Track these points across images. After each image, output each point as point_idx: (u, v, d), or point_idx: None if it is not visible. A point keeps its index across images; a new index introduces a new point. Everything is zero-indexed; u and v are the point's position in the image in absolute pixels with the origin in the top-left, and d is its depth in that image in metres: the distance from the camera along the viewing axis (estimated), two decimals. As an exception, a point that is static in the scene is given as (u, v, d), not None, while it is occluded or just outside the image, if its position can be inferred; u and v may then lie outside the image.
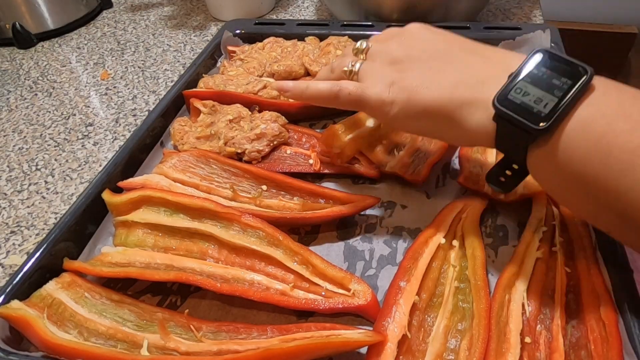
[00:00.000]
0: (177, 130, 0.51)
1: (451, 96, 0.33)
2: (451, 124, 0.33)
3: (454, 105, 0.33)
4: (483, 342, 0.32)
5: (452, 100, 0.33)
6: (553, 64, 0.30)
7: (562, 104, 0.28)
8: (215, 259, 0.39)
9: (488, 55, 0.34)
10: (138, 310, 0.36)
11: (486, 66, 0.33)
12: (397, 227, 0.42)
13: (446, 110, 0.33)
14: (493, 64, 0.33)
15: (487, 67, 0.33)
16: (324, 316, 0.36)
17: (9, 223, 0.48)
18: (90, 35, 0.81)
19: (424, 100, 0.34)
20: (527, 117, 0.29)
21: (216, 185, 0.45)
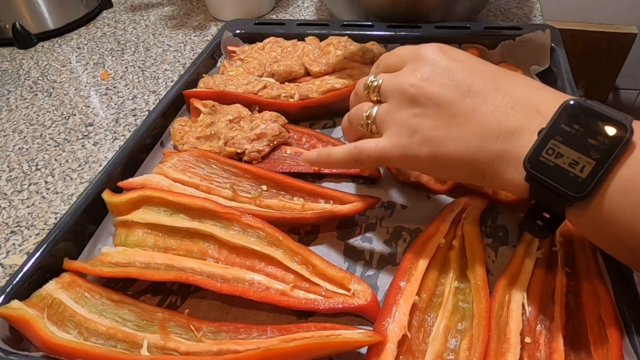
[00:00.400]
0: (177, 130, 0.51)
1: (480, 150, 0.30)
2: (482, 175, 0.32)
3: (484, 159, 0.31)
4: (483, 342, 0.32)
5: (481, 154, 0.30)
6: (586, 119, 0.27)
7: (602, 168, 0.26)
8: (215, 259, 0.39)
9: (515, 94, 0.30)
10: (138, 310, 0.36)
11: (514, 112, 0.30)
12: (397, 227, 0.42)
13: (476, 163, 0.31)
14: (522, 109, 0.30)
15: (516, 114, 0.30)
16: (324, 316, 0.36)
17: (9, 223, 0.48)
18: (90, 35, 0.81)
19: (451, 154, 0.32)
20: (563, 182, 0.27)
21: (216, 185, 0.45)
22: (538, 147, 0.28)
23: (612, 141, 0.26)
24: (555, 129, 0.27)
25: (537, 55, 0.56)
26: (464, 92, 0.31)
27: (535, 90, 0.31)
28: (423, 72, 0.33)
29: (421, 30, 0.61)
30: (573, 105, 0.27)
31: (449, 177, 0.36)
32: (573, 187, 0.27)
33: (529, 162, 0.28)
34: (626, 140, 0.26)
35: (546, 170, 0.27)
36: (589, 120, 0.27)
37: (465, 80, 0.32)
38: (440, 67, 0.33)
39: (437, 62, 0.33)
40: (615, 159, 0.26)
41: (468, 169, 0.32)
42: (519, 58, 0.57)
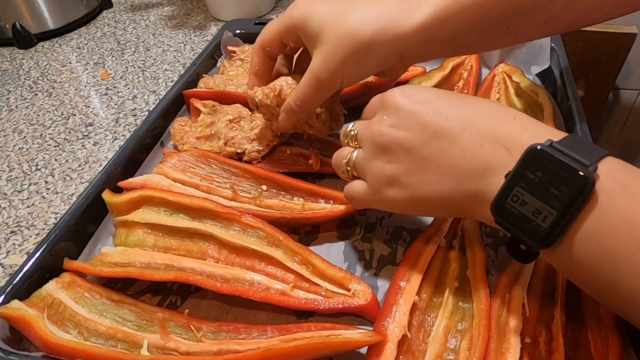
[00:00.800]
0: (177, 130, 0.51)
1: (455, 190, 0.31)
2: (462, 212, 0.33)
3: (460, 198, 0.31)
4: (483, 342, 0.32)
5: (457, 194, 0.31)
6: (548, 167, 0.26)
7: (563, 219, 0.25)
8: (215, 259, 0.39)
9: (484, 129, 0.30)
10: (138, 310, 0.36)
11: (483, 149, 0.30)
12: (397, 227, 0.42)
13: (453, 203, 0.32)
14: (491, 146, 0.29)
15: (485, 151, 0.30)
16: (324, 316, 0.36)
17: (9, 223, 0.48)
18: (90, 35, 0.81)
19: (428, 197, 0.32)
20: (527, 231, 0.27)
21: (216, 185, 0.45)
22: (503, 193, 0.28)
23: (572, 192, 0.25)
24: (520, 175, 0.27)
25: (537, 55, 0.56)
26: (431, 134, 0.32)
27: (504, 123, 0.30)
28: (390, 119, 0.34)
29: (421, 30, 0.61)
30: (537, 151, 0.27)
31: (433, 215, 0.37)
32: (536, 236, 0.27)
33: (494, 208, 0.28)
34: (587, 190, 0.25)
35: (511, 217, 0.27)
36: (551, 168, 0.26)
37: (432, 121, 0.32)
38: (405, 112, 0.33)
39: (402, 107, 0.33)
40: (577, 210, 0.25)
41: (447, 208, 0.33)
42: (519, 58, 0.57)
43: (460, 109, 0.32)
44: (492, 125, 0.30)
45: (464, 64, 0.58)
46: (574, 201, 0.25)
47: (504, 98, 0.53)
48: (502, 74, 0.56)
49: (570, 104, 0.48)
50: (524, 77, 0.54)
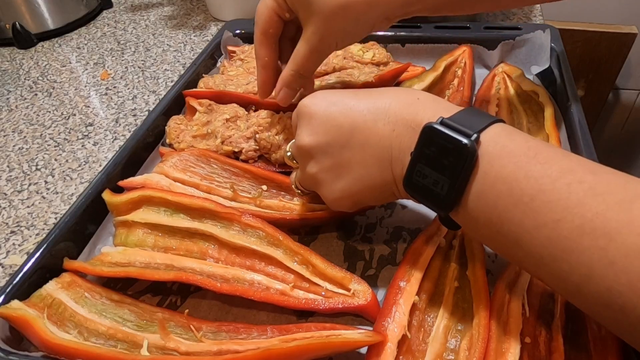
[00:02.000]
0: (173, 128, 0.51)
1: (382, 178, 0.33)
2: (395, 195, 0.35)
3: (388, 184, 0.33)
4: (483, 342, 0.32)
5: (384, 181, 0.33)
6: (438, 141, 0.29)
7: (455, 186, 0.28)
8: (215, 259, 0.39)
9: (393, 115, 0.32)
10: (138, 310, 0.36)
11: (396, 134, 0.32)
12: (397, 227, 0.42)
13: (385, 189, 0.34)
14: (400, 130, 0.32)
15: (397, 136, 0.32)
16: (324, 316, 0.36)
17: (9, 223, 0.48)
18: (90, 35, 0.81)
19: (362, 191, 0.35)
20: (431, 199, 0.30)
21: (216, 185, 0.45)
22: (409, 171, 0.31)
23: (458, 161, 0.28)
24: (419, 153, 0.30)
25: (537, 55, 0.56)
26: (349, 133, 0.33)
27: (409, 106, 0.32)
28: (307, 128, 0.35)
29: (421, 30, 0.61)
30: (429, 128, 0.29)
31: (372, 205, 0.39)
32: (438, 203, 0.30)
33: (405, 185, 0.31)
34: (469, 157, 0.28)
35: (418, 190, 0.30)
36: (440, 142, 0.29)
37: (346, 122, 0.34)
38: (318, 118, 0.35)
39: (314, 113, 0.35)
40: (464, 176, 0.28)
41: (383, 195, 0.35)
42: (519, 58, 0.57)
43: (370, 102, 0.34)
44: (400, 110, 0.32)
45: (457, 62, 0.58)
46: (461, 168, 0.28)
47: (504, 98, 0.53)
48: (502, 74, 0.56)
49: (570, 104, 0.48)
50: (524, 77, 0.54)
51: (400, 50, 0.61)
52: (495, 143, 0.28)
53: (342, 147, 0.34)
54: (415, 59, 0.60)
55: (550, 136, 0.46)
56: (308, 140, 0.35)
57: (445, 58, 0.58)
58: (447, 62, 0.57)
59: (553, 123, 0.47)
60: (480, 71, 0.59)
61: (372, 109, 0.33)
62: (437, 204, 0.30)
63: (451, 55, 0.58)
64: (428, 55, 0.61)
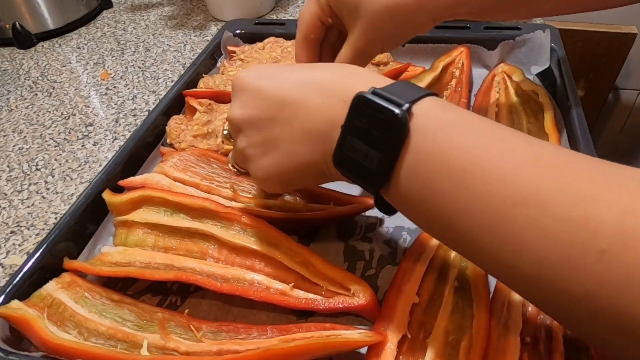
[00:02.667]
0: (173, 128, 0.51)
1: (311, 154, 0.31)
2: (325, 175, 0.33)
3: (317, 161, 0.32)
4: (483, 342, 0.32)
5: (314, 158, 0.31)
6: (369, 112, 0.27)
7: (386, 160, 0.27)
8: (216, 258, 0.39)
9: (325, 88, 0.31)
10: (138, 310, 0.36)
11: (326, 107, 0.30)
12: (397, 227, 0.42)
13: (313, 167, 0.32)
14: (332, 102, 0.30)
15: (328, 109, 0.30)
16: (324, 316, 0.36)
17: (9, 223, 0.48)
18: (90, 35, 0.81)
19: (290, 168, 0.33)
20: (361, 175, 0.28)
21: (217, 185, 0.45)
22: (339, 144, 0.29)
23: (389, 133, 0.26)
24: (350, 124, 0.28)
25: (537, 55, 0.56)
26: (278, 106, 0.32)
27: (341, 78, 0.31)
28: (238, 101, 0.34)
29: (421, 30, 0.61)
30: (361, 98, 0.28)
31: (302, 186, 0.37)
32: (368, 179, 0.28)
33: (335, 161, 0.29)
34: (400, 128, 0.26)
35: (348, 165, 0.29)
36: (371, 112, 0.27)
37: (276, 94, 0.32)
38: (249, 90, 0.34)
39: (246, 86, 0.34)
40: (396, 149, 0.27)
41: (313, 175, 0.33)
42: (519, 58, 0.57)
43: (301, 75, 0.32)
44: (332, 83, 0.31)
45: (454, 62, 0.58)
46: (391, 140, 0.26)
47: (504, 98, 0.53)
48: (502, 74, 0.56)
49: (570, 104, 0.48)
50: (524, 77, 0.54)
51: (400, 50, 0.61)
52: (428, 115, 0.27)
53: (271, 122, 0.32)
54: (415, 59, 0.60)
55: (550, 136, 0.46)
56: (238, 113, 0.34)
57: (443, 59, 0.58)
58: (445, 63, 0.57)
59: (553, 123, 0.47)
60: (480, 71, 0.59)
61: (303, 82, 0.32)
62: (368, 181, 0.28)
63: (449, 55, 0.58)
64: (428, 55, 0.61)
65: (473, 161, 0.25)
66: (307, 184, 0.37)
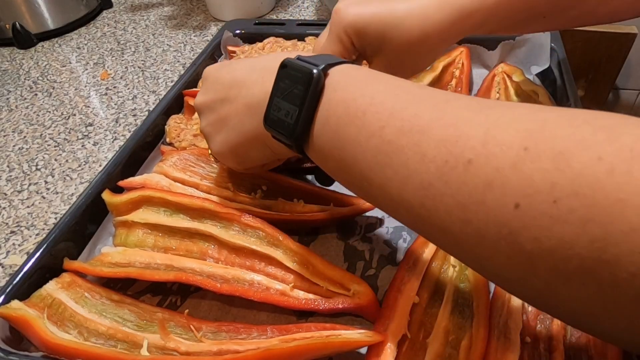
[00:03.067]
0: (173, 127, 0.51)
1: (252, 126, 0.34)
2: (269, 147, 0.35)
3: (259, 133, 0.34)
4: (483, 342, 0.32)
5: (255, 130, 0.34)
6: (291, 73, 0.30)
7: (302, 113, 0.29)
8: (215, 259, 0.39)
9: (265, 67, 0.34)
10: (138, 310, 0.36)
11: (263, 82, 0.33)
12: (397, 227, 0.42)
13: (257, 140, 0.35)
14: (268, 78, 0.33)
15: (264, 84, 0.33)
16: (324, 316, 0.36)
17: (9, 223, 0.48)
18: (90, 35, 0.81)
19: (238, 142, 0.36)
20: (284, 131, 0.31)
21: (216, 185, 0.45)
22: (268, 106, 0.32)
23: (305, 88, 0.29)
24: (276, 86, 0.31)
25: (537, 55, 0.56)
26: (228, 86, 0.36)
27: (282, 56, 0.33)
28: (202, 89, 0.39)
29: (421, 30, 0.61)
30: (285, 62, 0.31)
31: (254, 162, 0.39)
32: (289, 133, 0.30)
33: (265, 121, 0.32)
34: (314, 85, 0.29)
35: (275, 125, 0.31)
36: (292, 73, 0.30)
37: (228, 78, 0.37)
38: (211, 79, 0.38)
39: (209, 77, 0.39)
40: (311, 103, 0.29)
41: (257, 147, 0.36)
42: (519, 58, 0.57)
43: (253, 61, 0.36)
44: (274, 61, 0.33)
45: (454, 62, 0.58)
46: (307, 95, 0.29)
47: (504, 98, 0.53)
48: (502, 74, 0.56)
49: (570, 104, 0.48)
50: (524, 77, 0.54)
51: (400, 50, 0.61)
52: (342, 73, 0.30)
53: (222, 102, 0.36)
54: (415, 59, 0.60)
55: (550, 136, 0.46)
56: (199, 99, 0.39)
57: (443, 59, 0.58)
58: (445, 63, 0.57)
59: (553, 123, 0.47)
60: (480, 71, 0.59)
61: (250, 66, 0.36)
62: (288, 135, 0.30)
63: (449, 56, 0.58)
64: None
65: (371, 103, 0.27)
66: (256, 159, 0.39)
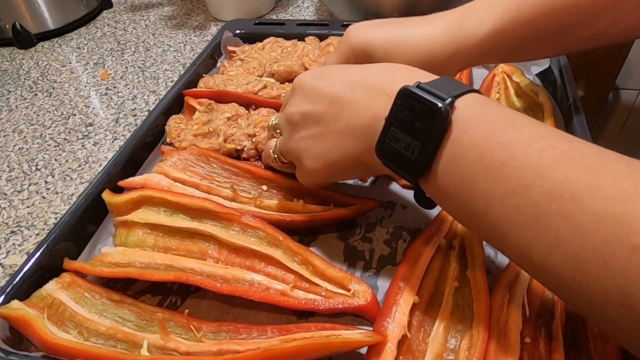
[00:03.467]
0: (173, 127, 0.51)
1: (355, 147, 0.34)
2: (370, 167, 0.35)
3: (361, 153, 0.33)
4: (483, 342, 0.32)
5: (357, 150, 0.34)
6: (413, 104, 0.29)
7: (426, 151, 0.28)
8: (215, 259, 0.39)
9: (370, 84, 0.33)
10: (138, 310, 0.36)
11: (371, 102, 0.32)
12: (397, 227, 0.42)
13: (358, 160, 0.34)
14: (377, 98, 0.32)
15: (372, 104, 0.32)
16: (324, 316, 0.36)
17: (9, 223, 0.48)
18: (90, 35, 0.81)
19: (336, 160, 0.35)
20: (402, 165, 0.30)
21: (216, 185, 0.45)
22: (382, 135, 0.30)
23: (431, 123, 0.28)
24: (394, 116, 0.30)
25: (537, 55, 0.56)
26: (329, 102, 0.35)
27: (389, 75, 0.33)
28: (297, 99, 0.38)
29: (421, 30, 0.61)
30: (406, 91, 0.29)
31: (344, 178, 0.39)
32: (408, 168, 0.29)
33: (377, 150, 0.31)
34: (442, 120, 0.27)
35: (389, 155, 0.30)
36: (415, 105, 0.28)
37: (328, 92, 0.35)
38: (307, 90, 0.37)
39: (305, 86, 0.37)
40: (437, 141, 0.28)
41: (356, 167, 0.35)
42: (519, 58, 0.57)
43: (353, 75, 0.35)
44: (379, 80, 0.33)
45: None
46: (433, 132, 0.28)
47: (504, 98, 0.53)
48: (502, 74, 0.56)
49: (570, 104, 0.48)
50: (524, 77, 0.54)
51: (400, 50, 0.61)
52: (470, 109, 0.28)
53: (323, 116, 0.35)
54: (415, 59, 0.60)
55: (550, 136, 0.46)
56: (297, 109, 0.37)
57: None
58: (447, 63, 0.57)
59: (553, 123, 0.47)
60: (480, 71, 0.59)
61: (353, 81, 0.34)
62: (407, 170, 0.30)
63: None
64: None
65: (511, 156, 0.25)
66: (350, 176, 0.39)
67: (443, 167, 0.28)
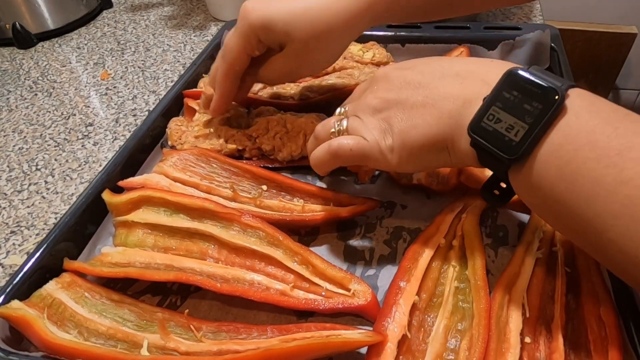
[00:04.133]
0: (174, 130, 0.51)
1: (439, 128, 0.33)
2: (447, 151, 0.34)
3: (443, 135, 0.33)
4: (483, 342, 0.32)
5: (441, 131, 0.33)
6: (524, 86, 0.28)
7: (533, 132, 0.28)
8: (215, 259, 0.39)
9: (463, 72, 0.33)
10: (138, 310, 0.36)
11: (464, 87, 0.32)
12: (397, 227, 0.42)
13: (438, 141, 0.33)
14: (471, 82, 0.32)
15: (465, 88, 0.32)
16: (324, 316, 0.36)
17: (9, 223, 0.48)
18: (90, 35, 0.81)
19: (417, 140, 0.34)
20: (499, 145, 0.29)
21: (216, 185, 0.45)
22: (480, 113, 0.30)
23: (544, 107, 0.27)
24: (497, 96, 0.29)
25: (537, 55, 0.56)
26: (416, 86, 0.35)
27: (483, 65, 0.33)
28: (381, 87, 0.37)
29: (421, 30, 0.61)
30: (514, 73, 0.29)
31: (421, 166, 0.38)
32: (508, 149, 0.29)
33: (471, 128, 0.30)
34: (556, 106, 0.27)
35: (486, 135, 0.30)
36: (526, 86, 0.28)
37: (416, 78, 0.35)
38: (392, 78, 0.37)
39: (390, 75, 0.37)
40: (547, 123, 0.27)
41: (434, 149, 0.34)
42: (519, 58, 0.57)
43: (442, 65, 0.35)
44: (471, 67, 0.33)
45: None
46: (545, 114, 0.27)
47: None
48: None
49: (570, 104, 0.48)
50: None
51: (400, 50, 0.61)
52: (583, 98, 0.28)
53: (408, 98, 0.35)
54: (415, 59, 0.60)
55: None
56: (381, 94, 0.36)
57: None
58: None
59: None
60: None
61: (443, 69, 0.34)
62: (506, 151, 0.29)
63: (449, 55, 0.58)
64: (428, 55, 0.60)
65: (629, 146, 0.25)
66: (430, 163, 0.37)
67: (546, 151, 0.27)
